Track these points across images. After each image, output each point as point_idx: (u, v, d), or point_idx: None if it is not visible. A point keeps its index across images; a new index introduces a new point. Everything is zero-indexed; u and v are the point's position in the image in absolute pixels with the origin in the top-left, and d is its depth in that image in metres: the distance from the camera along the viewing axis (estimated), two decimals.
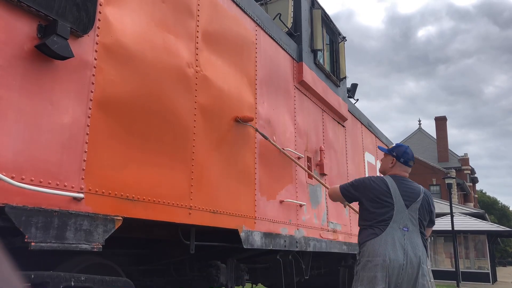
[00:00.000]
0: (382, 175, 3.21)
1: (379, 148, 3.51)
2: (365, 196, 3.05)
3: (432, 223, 3.16)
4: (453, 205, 18.09)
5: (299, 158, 4.61)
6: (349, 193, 3.19)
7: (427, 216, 3.07)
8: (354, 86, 7.68)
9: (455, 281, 16.38)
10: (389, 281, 2.78)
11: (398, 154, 3.17)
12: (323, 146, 5.26)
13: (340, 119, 6.05)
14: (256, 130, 3.77)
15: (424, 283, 2.86)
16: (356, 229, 6.23)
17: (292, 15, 5.11)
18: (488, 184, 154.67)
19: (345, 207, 3.84)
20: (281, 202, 4.14)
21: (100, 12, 2.33)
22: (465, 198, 41.78)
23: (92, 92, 2.24)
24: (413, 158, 3.22)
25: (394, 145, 3.32)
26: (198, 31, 3.18)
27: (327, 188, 3.94)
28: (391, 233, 2.87)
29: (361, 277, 2.87)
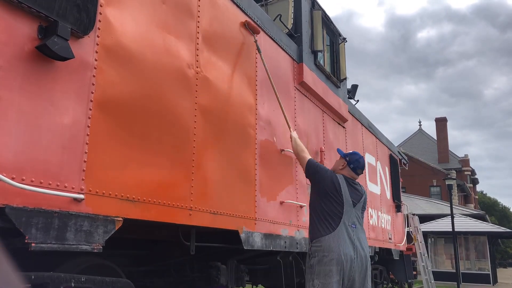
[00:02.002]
0: (337, 174, 3.47)
1: (338, 151, 3.76)
2: (323, 184, 3.33)
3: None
4: (453, 206, 18.07)
5: None
6: (313, 171, 3.46)
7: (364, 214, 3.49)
8: (355, 87, 7.68)
9: (456, 282, 16.35)
10: (343, 273, 3.07)
11: (350, 160, 3.49)
12: (323, 147, 5.26)
13: (340, 120, 6.05)
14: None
15: (369, 273, 3.28)
16: None
17: (292, 16, 5.11)
18: (488, 185, 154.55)
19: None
20: (282, 203, 4.14)
21: (100, 13, 2.33)
22: (465, 199, 41.75)
23: (92, 93, 2.24)
24: (363, 168, 3.52)
25: (351, 152, 3.65)
26: (198, 32, 3.18)
27: (290, 130, 4.00)
28: (343, 230, 3.17)
29: (317, 271, 3.10)
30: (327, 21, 5.66)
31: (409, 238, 9.87)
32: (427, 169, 36.81)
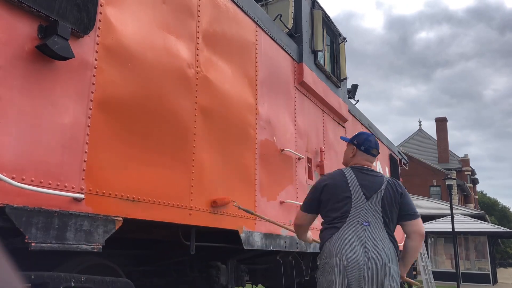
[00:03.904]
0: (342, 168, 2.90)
1: (342, 138, 3.23)
2: (321, 199, 2.74)
3: (411, 215, 2.70)
4: (453, 206, 18.08)
5: (299, 159, 4.61)
6: (307, 206, 2.85)
7: (395, 207, 2.65)
8: (355, 87, 7.68)
9: (456, 282, 16.36)
10: (349, 284, 2.40)
11: (358, 142, 2.88)
12: (323, 147, 5.26)
13: (340, 120, 6.05)
14: (239, 207, 3.25)
15: (394, 286, 2.46)
16: None
17: (292, 16, 5.11)
18: (488, 186, 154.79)
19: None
20: (282, 203, 4.14)
21: (100, 13, 2.33)
22: (465, 199, 41.77)
23: (92, 92, 2.24)
24: (377, 146, 2.90)
25: (357, 133, 3.03)
26: (198, 32, 3.18)
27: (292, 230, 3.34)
28: (349, 229, 2.51)
29: (320, 283, 2.54)
30: (327, 21, 5.66)
31: None
32: (427, 169, 36.83)
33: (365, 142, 2.87)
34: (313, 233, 3.30)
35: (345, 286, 2.40)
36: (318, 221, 2.99)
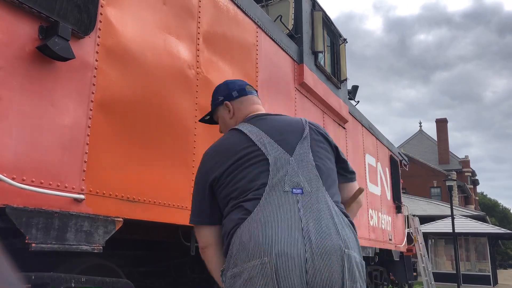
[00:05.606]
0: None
1: (200, 121, 2.19)
2: (212, 182, 1.59)
3: (346, 176, 1.79)
4: (453, 207, 18.07)
5: None
6: (199, 211, 1.63)
7: (331, 153, 1.75)
8: (355, 88, 7.68)
9: (456, 284, 16.35)
10: None
11: (224, 94, 1.87)
12: None
13: (340, 121, 6.05)
14: None
15: (358, 286, 1.38)
16: (358, 232, 6.22)
17: (293, 17, 5.12)
18: (489, 187, 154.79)
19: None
20: None
21: (101, 14, 2.33)
22: (466, 201, 41.75)
23: (93, 93, 2.24)
24: (245, 83, 1.90)
25: (215, 89, 1.96)
26: (199, 33, 3.18)
27: None
28: (270, 206, 1.42)
29: None
30: (327, 22, 5.66)
31: (410, 239, 9.86)
32: (427, 170, 36.83)
33: (230, 86, 1.87)
34: None
35: None
36: None
